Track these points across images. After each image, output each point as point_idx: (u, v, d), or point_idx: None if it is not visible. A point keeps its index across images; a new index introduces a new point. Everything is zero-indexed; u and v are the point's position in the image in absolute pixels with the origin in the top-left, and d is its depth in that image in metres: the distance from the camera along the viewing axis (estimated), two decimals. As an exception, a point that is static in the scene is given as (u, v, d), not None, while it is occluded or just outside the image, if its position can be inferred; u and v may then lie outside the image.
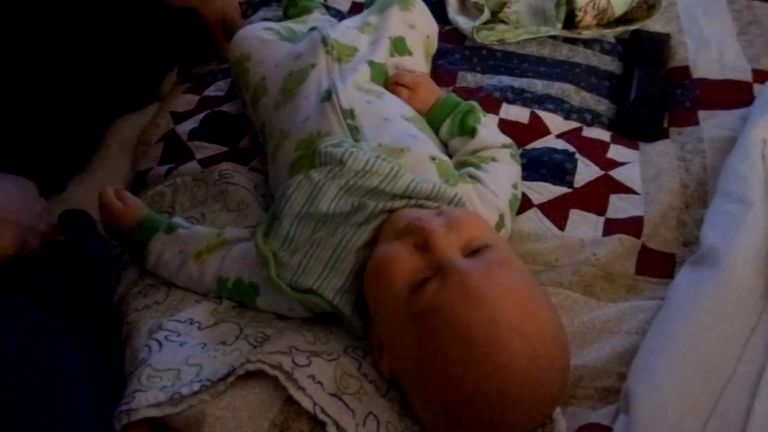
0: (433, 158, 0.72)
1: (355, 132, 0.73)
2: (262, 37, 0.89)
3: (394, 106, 0.79)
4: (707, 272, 0.64)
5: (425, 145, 0.74)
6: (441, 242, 0.58)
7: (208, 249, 0.71)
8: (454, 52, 0.99)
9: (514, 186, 0.76)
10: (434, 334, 0.55)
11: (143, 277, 0.74)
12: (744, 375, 0.57)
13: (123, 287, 0.74)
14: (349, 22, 0.92)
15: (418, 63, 0.90)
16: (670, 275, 0.71)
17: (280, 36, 0.91)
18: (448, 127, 0.81)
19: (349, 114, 0.74)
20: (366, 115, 0.74)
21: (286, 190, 0.66)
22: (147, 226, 0.74)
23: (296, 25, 0.96)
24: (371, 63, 0.82)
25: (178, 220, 0.76)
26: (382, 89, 0.82)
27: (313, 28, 0.87)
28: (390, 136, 0.73)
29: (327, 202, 0.64)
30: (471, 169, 0.75)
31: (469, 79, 0.95)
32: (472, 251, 0.58)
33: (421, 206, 0.65)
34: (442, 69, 0.96)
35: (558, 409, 0.58)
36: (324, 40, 0.83)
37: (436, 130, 0.81)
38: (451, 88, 0.92)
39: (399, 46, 0.88)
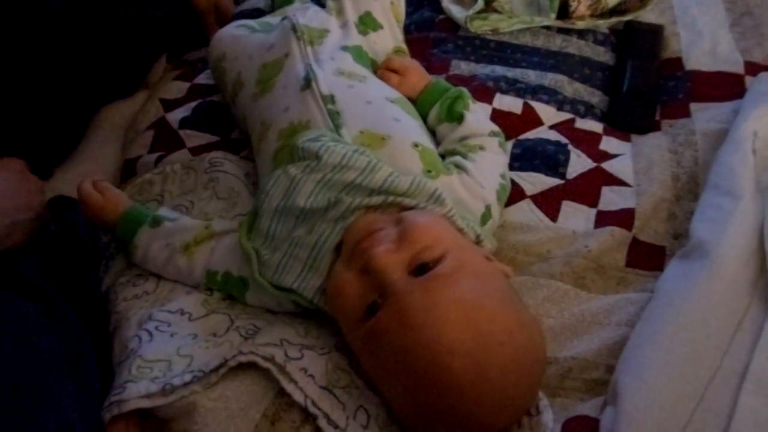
0: (416, 145, 0.70)
1: (335, 117, 0.72)
2: (234, 35, 0.88)
3: (378, 88, 0.78)
4: (696, 265, 0.65)
5: (409, 130, 0.73)
6: (382, 266, 0.56)
7: (196, 241, 0.71)
8: (447, 42, 0.98)
9: (502, 176, 0.75)
10: (381, 358, 0.56)
11: (131, 267, 0.74)
12: (731, 367, 0.58)
13: (111, 277, 0.74)
14: (317, 6, 0.90)
15: (392, 34, 0.89)
16: (660, 268, 0.71)
17: (252, 30, 0.89)
18: (437, 112, 0.80)
19: (330, 99, 0.73)
20: (347, 100, 0.73)
21: (265, 186, 0.66)
22: (131, 219, 0.73)
23: (273, 18, 0.94)
24: (345, 48, 0.82)
25: (163, 212, 0.74)
26: (366, 72, 0.80)
27: (284, 18, 0.86)
28: (372, 120, 0.72)
29: (304, 198, 0.64)
30: (458, 158, 0.74)
31: (463, 67, 0.94)
32: (420, 266, 0.57)
33: (393, 204, 0.63)
34: (435, 58, 0.95)
35: (545, 401, 0.58)
36: (294, 28, 0.81)
37: (425, 116, 0.81)
38: (444, 76, 0.91)
39: (367, 21, 0.87)
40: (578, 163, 0.81)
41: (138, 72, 0.99)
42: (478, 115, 0.80)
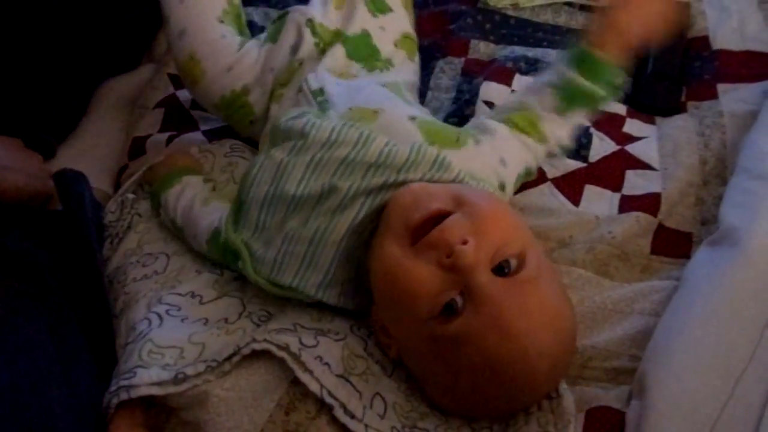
0: (412, 118, 0.65)
1: (324, 104, 0.68)
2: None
3: (369, 79, 0.75)
4: (726, 253, 0.63)
5: (403, 107, 0.68)
6: (469, 262, 0.52)
7: (219, 197, 0.70)
8: (466, 16, 0.96)
9: (528, 171, 0.70)
10: (460, 360, 0.53)
11: (142, 246, 0.73)
12: (763, 360, 0.56)
13: (120, 257, 0.73)
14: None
15: (401, 18, 0.85)
16: (686, 255, 0.69)
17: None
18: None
19: (319, 92, 0.70)
20: (336, 88, 0.70)
21: (250, 173, 0.63)
22: (186, 168, 0.76)
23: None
24: (346, 40, 0.78)
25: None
26: (358, 68, 0.77)
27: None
28: (362, 99, 0.68)
29: (294, 184, 0.59)
30: (499, 125, 0.68)
31: (482, 49, 0.92)
32: (501, 263, 0.54)
33: (430, 181, 0.59)
34: (453, 36, 0.93)
35: (564, 384, 0.57)
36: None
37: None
38: (463, 58, 0.90)
39: (378, 4, 0.83)
40: (601, 146, 0.79)
41: (141, 43, 0.96)
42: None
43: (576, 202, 0.74)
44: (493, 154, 0.66)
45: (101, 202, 0.78)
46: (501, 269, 0.53)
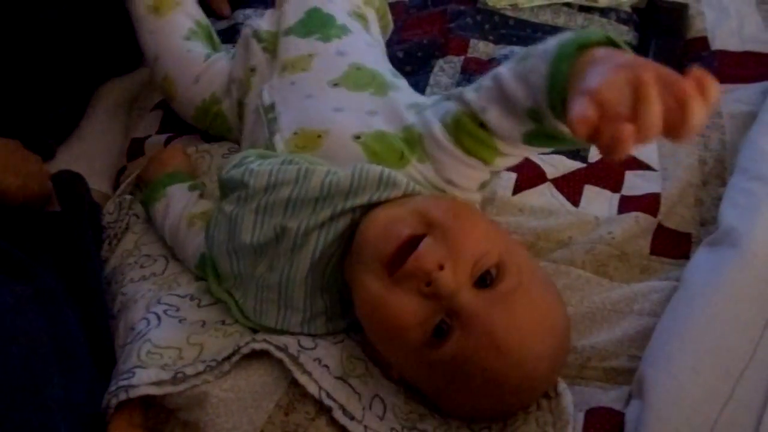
0: (357, 137, 0.62)
1: (272, 123, 0.67)
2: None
3: (323, 70, 0.70)
4: (725, 253, 0.62)
5: (352, 118, 0.64)
6: (450, 288, 0.51)
7: (203, 215, 0.69)
8: (465, 15, 0.96)
9: (484, 184, 0.63)
10: (459, 378, 0.53)
11: (139, 247, 0.73)
12: (762, 361, 0.55)
13: (117, 258, 0.73)
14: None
15: None
16: (685, 256, 0.69)
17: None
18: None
19: (270, 108, 0.69)
20: (286, 102, 0.68)
21: (208, 230, 0.63)
22: (174, 175, 0.76)
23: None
24: (290, 30, 0.75)
25: (200, 185, 0.75)
26: (312, 47, 0.72)
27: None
28: (310, 116, 0.65)
29: (248, 234, 0.58)
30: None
31: (481, 48, 0.92)
32: (483, 274, 0.52)
33: (378, 201, 0.56)
34: (453, 35, 0.93)
35: (563, 384, 0.57)
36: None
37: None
38: (462, 57, 0.89)
39: None
40: (600, 145, 0.79)
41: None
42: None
43: (575, 202, 0.74)
44: (437, 177, 0.60)
45: (100, 204, 0.78)
46: (483, 280, 0.52)
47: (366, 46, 0.76)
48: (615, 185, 0.75)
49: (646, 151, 0.78)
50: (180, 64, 0.82)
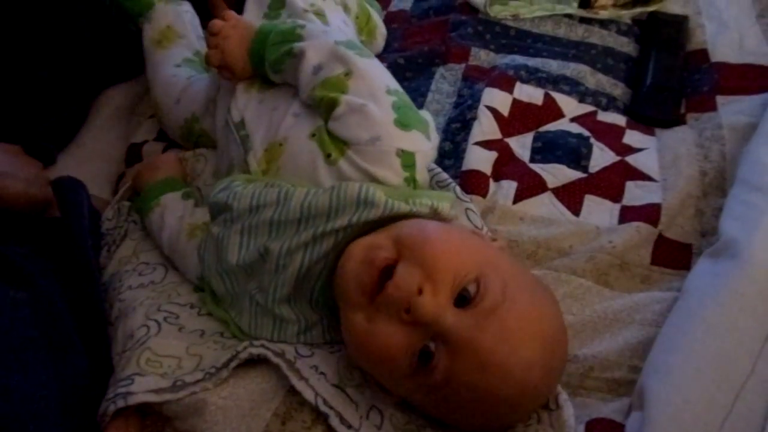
0: (312, 135, 0.63)
1: (245, 141, 0.68)
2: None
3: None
4: (726, 265, 0.62)
5: (309, 119, 0.65)
6: (430, 313, 0.50)
7: (205, 225, 0.69)
8: (467, 25, 0.96)
9: (390, 92, 0.62)
10: (453, 398, 0.52)
11: (137, 254, 0.73)
12: (763, 373, 0.55)
13: (115, 264, 0.73)
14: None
15: None
16: (686, 266, 0.69)
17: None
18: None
19: (241, 125, 0.69)
20: (256, 119, 0.69)
21: (199, 253, 0.64)
22: (168, 183, 0.75)
23: None
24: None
25: (195, 192, 0.75)
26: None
27: None
28: (274, 128, 0.67)
29: (234, 254, 0.60)
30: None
31: (483, 57, 0.92)
32: (461, 292, 0.52)
33: (358, 222, 0.56)
34: (454, 43, 0.93)
35: (564, 395, 0.57)
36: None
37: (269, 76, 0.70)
38: (463, 65, 0.89)
39: None
40: (601, 156, 0.79)
41: (140, 50, 0.96)
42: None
43: (576, 212, 0.74)
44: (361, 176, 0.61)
45: (100, 210, 0.78)
46: (463, 299, 0.52)
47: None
48: (616, 195, 0.75)
49: (647, 162, 0.78)
50: (165, 88, 0.85)
